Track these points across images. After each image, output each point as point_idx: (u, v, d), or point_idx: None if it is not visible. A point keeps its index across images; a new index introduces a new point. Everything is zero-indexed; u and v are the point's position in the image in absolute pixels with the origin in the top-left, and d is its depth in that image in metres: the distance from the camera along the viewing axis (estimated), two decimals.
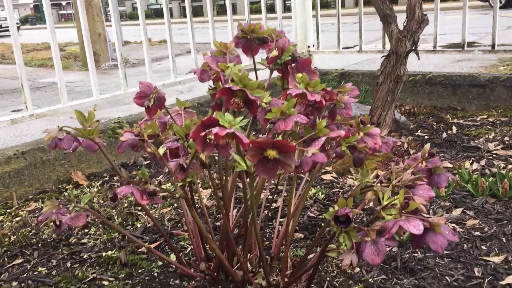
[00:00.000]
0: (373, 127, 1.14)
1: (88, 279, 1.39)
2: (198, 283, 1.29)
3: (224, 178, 1.26)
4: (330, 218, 0.95)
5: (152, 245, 1.56)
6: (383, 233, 0.92)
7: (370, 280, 1.28)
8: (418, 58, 2.14)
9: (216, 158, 1.29)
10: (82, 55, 8.35)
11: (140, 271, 1.41)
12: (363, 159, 1.15)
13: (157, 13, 27.23)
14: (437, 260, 1.36)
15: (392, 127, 2.32)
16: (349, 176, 2.03)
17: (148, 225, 1.70)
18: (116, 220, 1.73)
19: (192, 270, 1.35)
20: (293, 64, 1.25)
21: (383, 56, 2.13)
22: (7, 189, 1.99)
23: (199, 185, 2.04)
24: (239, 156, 1.03)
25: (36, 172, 2.09)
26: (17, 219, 1.80)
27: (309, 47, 3.55)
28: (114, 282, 1.36)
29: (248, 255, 1.35)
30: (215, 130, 0.91)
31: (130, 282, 1.35)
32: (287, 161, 0.94)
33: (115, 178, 2.21)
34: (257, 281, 1.25)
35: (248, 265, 1.32)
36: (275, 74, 1.32)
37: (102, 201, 1.90)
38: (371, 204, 1.69)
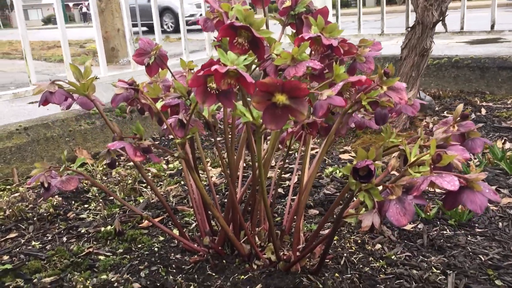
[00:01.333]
0: (397, 79, 1.00)
1: (83, 254, 1.28)
2: (201, 257, 1.17)
3: (230, 138, 1.13)
4: (347, 172, 0.81)
5: (158, 219, 1.44)
6: (410, 190, 0.78)
7: (393, 257, 1.13)
8: (446, 30, 1.99)
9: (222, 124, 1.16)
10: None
11: (139, 246, 1.30)
12: (387, 116, 1.01)
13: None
14: (468, 238, 1.21)
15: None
16: None
17: (152, 201, 1.58)
18: (119, 195, 1.62)
19: (196, 245, 1.23)
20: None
21: (408, 28, 1.98)
22: (8, 165, 1.90)
23: (208, 163, 1.92)
24: (244, 107, 0.91)
25: (39, 149, 1.99)
26: (16, 194, 1.70)
27: None
28: (111, 256, 1.25)
29: (257, 229, 1.22)
30: (215, 66, 0.78)
31: (128, 256, 1.24)
32: (299, 107, 0.81)
33: (122, 158, 2.10)
34: (266, 255, 1.12)
35: (257, 239, 1.20)
36: (288, 31, 1.20)
37: (106, 177, 1.79)
38: (394, 172, 1.54)
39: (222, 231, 1.16)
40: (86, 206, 1.59)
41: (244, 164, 1.80)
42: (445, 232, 1.24)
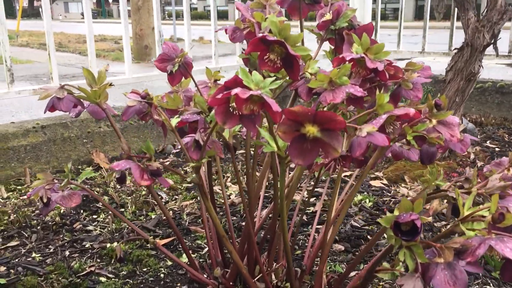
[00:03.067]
0: (450, 114, 0.86)
1: (84, 273, 1.17)
2: None
3: (251, 165, 1.01)
4: (387, 225, 0.68)
5: (165, 241, 1.33)
6: (463, 254, 0.65)
7: None
8: (497, 55, 1.83)
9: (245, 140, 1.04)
10: (134, 48, 8.35)
11: (145, 269, 1.18)
12: (435, 154, 0.87)
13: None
14: None
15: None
16: (403, 185, 1.73)
17: (164, 217, 1.47)
18: (130, 208, 1.52)
19: (205, 276, 1.11)
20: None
21: (454, 49, 1.83)
22: (21, 164, 1.82)
23: (227, 179, 1.79)
24: (268, 134, 0.78)
25: (55, 149, 1.91)
26: (24, 197, 1.62)
27: None
28: (112, 279, 1.14)
29: (274, 264, 1.09)
30: (235, 90, 0.66)
31: (131, 281, 1.13)
32: (332, 142, 0.68)
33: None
34: None
35: (273, 277, 1.07)
36: (326, 46, 1.07)
37: (119, 187, 1.69)
38: (430, 219, 1.39)
39: (234, 265, 1.04)
40: (94, 217, 1.49)
41: (267, 183, 1.68)
42: (487, 287, 1.09)
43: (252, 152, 1.04)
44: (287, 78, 0.84)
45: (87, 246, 1.31)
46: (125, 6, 2.22)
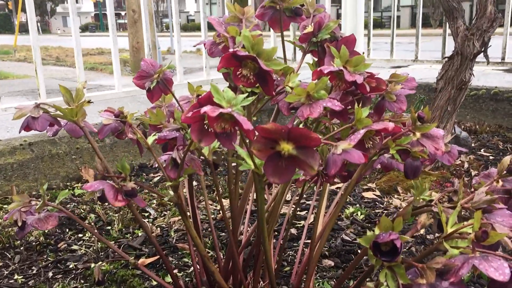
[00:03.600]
0: (434, 126, 0.83)
1: None
2: None
3: (234, 182, 0.99)
4: (366, 245, 0.65)
5: (151, 259, 1.30)
6: (446, 274, 0.62)
7: None
8: (488, 63, 1.81)
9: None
10: (131, 61, 8.37)
11: None
12: (419, 168, 0.85)
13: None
14: None
15: (451, 142, 1.97)
16: (396, 196, 1.70)
17: (152, 234, 1.44)
18: (116, 226, 1.49)
19: None
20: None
21: (445, 58, 1.81)
22: (8, 183, 1.80)
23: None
24: (246, 151, 0.76)
25: (43, 166, 1.88)
26: None
27: None
28: None
29: (261, 283, 1.06)
30: (205, 109, 0.64)
31: None
32: (308, 160, 0.65)
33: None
34: None
35: None
36: (309, 59, 1.05)
37: (107, 204, 1.66)
38: (422, 231, 1.36)
39: (218, 286, 1.00)
40: (80, 235, 1.46)
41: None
42: None
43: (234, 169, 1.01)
44: None
45: (71, 266, 1.28)
46: (113, 20, 2.21)
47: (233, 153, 0.98)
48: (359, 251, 1.30)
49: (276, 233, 1.42)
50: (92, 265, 1.26)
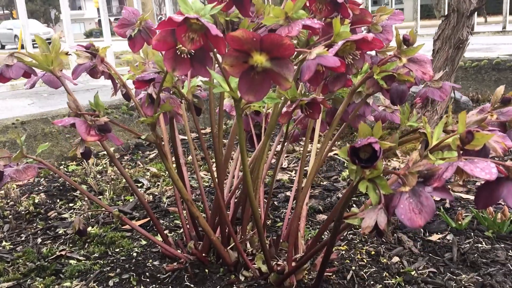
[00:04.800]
0: (419, 48, 0.79)
1: (52, 257, 1.11)
2: (181, 265, 0.98)
3: (217, 125, 0.95)
4: (345, 155, 0.61)
5: (141, 221, 1.27)
6: (429, 180, 0.58)
7: (413, 272, 0.92)
8: (486, 20, 1.76)
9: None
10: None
11: (117, 250, 1.12)
12: (405, 93, 0.81)
13: None
14: (509, 253, 0.98)
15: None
16: (394, 159, 1.66)
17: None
18: (108, 194, 1.45)
19: (179, 251, 1.04)
20: None
21: (441, 16, 1.76)
22: None
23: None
24: (220, 75, 0.72)
25: (36, 144, 1.86)
26: (1, 192, 1.56)
27: None
28: (82, 261, 1.08)
29: (250, 233, 1.02)
30: (171, 16, 0.61)
31: (101, 262, 1.06)
32: (282, 71, 0.62)
33: (125, 157, 1.94)
34: (256, 265, 0.92)
35: (248, 246, 1.00)
36: None
37: (100, 176, 1.64)
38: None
39: (206, 236, 0.97)
40: (71, 205, 1.43)
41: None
42: (480, 245, 1.02)
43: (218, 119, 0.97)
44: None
45: (60, 232, 1.25)
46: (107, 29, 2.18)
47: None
48: (354, 206, 1.26)
49: (274, 197, 1.38)
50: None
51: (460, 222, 1.07)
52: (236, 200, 1.06)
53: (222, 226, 0.99)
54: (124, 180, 1.57)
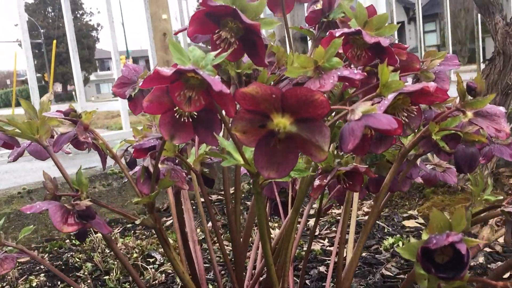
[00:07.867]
0: (491, 98, 0.61)
1: None
2: None
3: (234, 202, 0.77)
4: (410, 256, 0.42)
5: None
6: None
7: None
8: None
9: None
10: None
11: None
12: (476, 156, 0.62)
13: None
14: None
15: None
16: None
17: (153, 282, 1.22)
18: (114, 275, 1.27)
19: None
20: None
21: (485, 60, 1.59)
22: (5, 235, 1.62)
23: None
24: (232, 143, 0.55)
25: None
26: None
27: None
28: None
29: None
30: (159, 69, 0.44)
31: None
32: (314, 138, 0.45)
33: (140, 226, 1.77)
34: None
35: None
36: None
37: (108, 250, 1.46)
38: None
39: None
40: None
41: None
42: None
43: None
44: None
45: None
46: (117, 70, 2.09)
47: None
48: None
49: (307, 275, 1.18)
50: None
51: None
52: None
53: None
54: (135, 255, 1.39)
